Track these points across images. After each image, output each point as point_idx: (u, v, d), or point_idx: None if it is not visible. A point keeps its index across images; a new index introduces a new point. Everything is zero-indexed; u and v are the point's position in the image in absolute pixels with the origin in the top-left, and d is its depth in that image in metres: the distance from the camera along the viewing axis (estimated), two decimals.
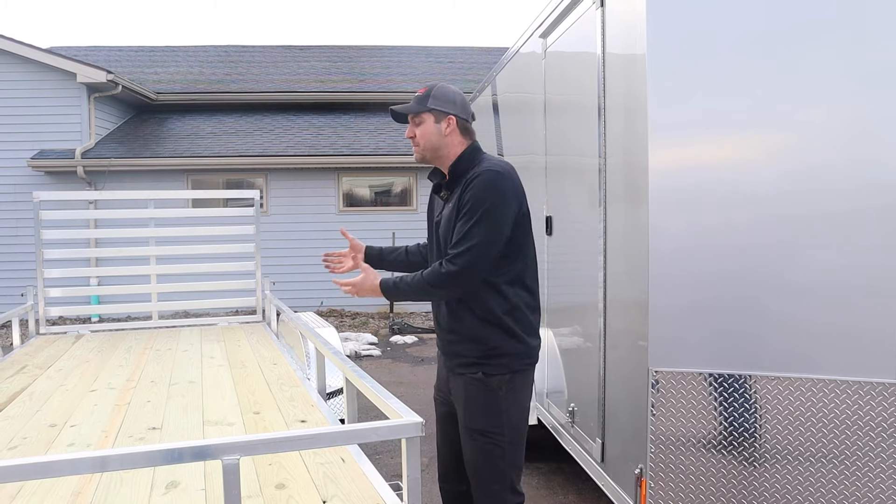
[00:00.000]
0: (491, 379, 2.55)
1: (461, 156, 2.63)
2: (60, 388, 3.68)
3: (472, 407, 2.58)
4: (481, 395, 2.56)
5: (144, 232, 5.63)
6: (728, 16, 2.71)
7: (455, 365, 2.64)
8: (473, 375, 2.57)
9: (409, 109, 2.64)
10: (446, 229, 2.58)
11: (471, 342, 2.57)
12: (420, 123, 2.64)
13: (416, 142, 2.66)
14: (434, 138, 2.63)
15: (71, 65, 11.69)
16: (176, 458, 1.54)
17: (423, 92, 2.66)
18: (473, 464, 2.59)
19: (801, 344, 2.68)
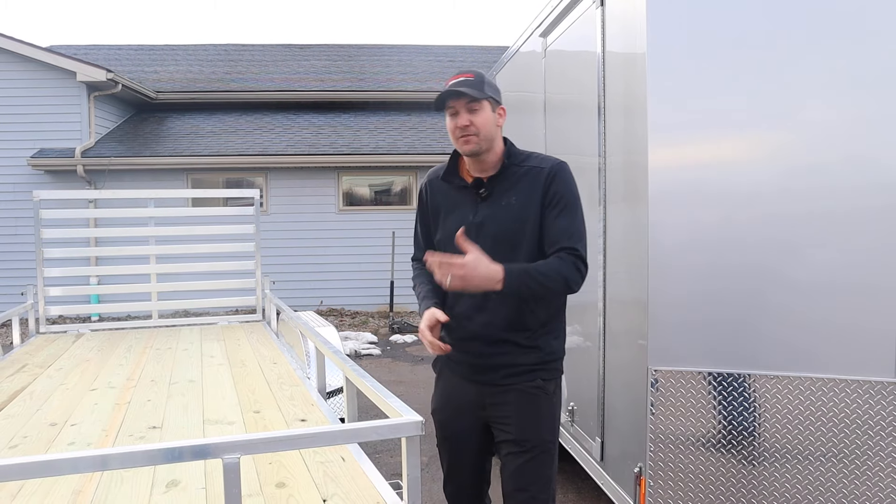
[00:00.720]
0: (548, 384, 2.42)
1: (510, 150, 2.44)
2: (61, 386, 3.68)
3: (530, 418, 2.39)
4: (539, 404, 2.40)
5: (144, 231, 5.63)
6: (728, 15, 2.71)
7: (501, 377, 2.41)
8: (531, 384, 2.39)
9: (475, 93, 2.32)
10: (511, 230, 2.35)
11: (530, 349, 2.39)
12: (477, 111, 2.35)
13: (474, 131, 2.35)
14: (491, 129, 2.38)
15: (71, 63, 11.69)
16: (176, 456, 1.54)
17: (472, 77, 2.36)
18: (521, 479, 2.39)
19: (801, 342, 2.69)
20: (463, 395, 2.51)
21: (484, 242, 2.31)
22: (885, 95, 2.60)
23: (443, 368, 2.61)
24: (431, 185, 2.58)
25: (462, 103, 2.34)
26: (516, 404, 2.40)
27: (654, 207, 2.77)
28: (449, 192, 2.51)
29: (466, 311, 2.43)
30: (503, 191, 2.39)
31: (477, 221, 2.40)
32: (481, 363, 2.44)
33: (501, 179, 2.41)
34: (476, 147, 2.36)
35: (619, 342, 3.16)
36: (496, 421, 2.45)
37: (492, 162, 2.42)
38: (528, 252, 2.36)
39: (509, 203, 2.38)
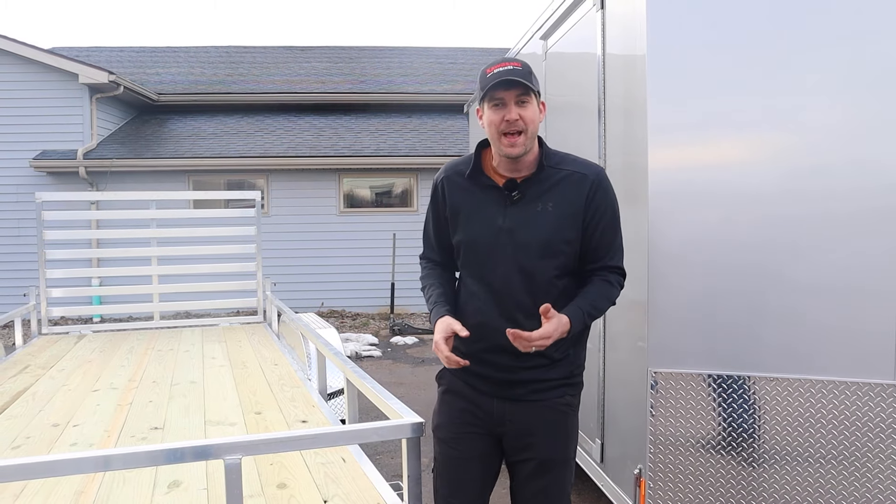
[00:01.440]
0: (574, 399, 2.28)
1: (545, 149, 2.22)
2: (63, 387, 3.69)
3: (558, 437, 2.24)
4: (567, 420, 2.26)
5: (146, 232, 5.65)
6: (727, 17, 2.73)
7: (528, 392, 2.22)
8: (560, 400, 2.24)
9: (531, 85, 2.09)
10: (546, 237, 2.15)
11: (557, 362, 2.21)
12: (528, 104, 2.11)
13: (523, 127, 2.10)
14: (537, 125, 2.15)
15: (73, 65, 11.72)
16: (178, 457, 1.55)
17: (520, 66, 2.11)
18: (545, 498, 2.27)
19: (800, 344, 2.69)
20: (479, 411, 2.27)
21: (512, 249, 2.16)
22: (885, 96, 2.60)
23: (453, 382, 2.33)
24: (450, 181, 2.30)
25: (512, 95, 2.08)
26: (544, 422, 2.22)
27: (654, 209, 2.78)
28: (472, 191, 2.25)
29: (492, 321, 2.19)
30: (537, 195, 2.17)
31: (506, 226, 2.17)
32: (506, 378, 2.22)
33: (536, 182, 2.18)
34: (522, 149, 2.12)
35: (619, 344, 3.17)
36: (517, 439, 2.25)
37: (527, 162, 2.19)
38: (559, 263, 2.17)
39: (545, 209, 2.15)
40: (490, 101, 2.12)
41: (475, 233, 2.22)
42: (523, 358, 2.15)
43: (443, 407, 2.36)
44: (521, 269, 2.17)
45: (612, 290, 2.23)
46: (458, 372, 2.28)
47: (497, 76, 2.07)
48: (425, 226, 2.45)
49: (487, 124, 2.15)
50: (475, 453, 2.28)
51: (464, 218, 2.26)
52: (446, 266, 2.42)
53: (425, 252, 2.48)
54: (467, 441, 2.28)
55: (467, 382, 2.29)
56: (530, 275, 2.16)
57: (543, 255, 2.15)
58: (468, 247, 2.25)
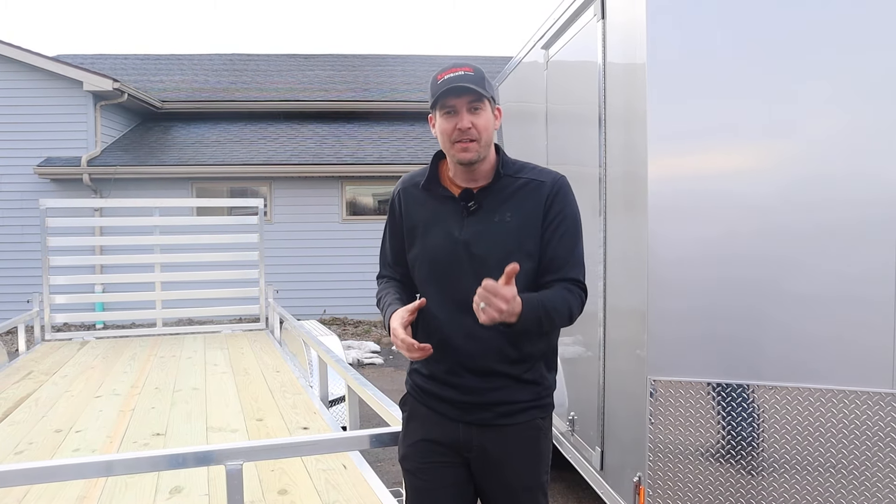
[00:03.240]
0: (545, 422, 2.12)
1: (502, 158, 2.11)
2: (66, 393, 3.71)
3: (530, 460, 2.09)
4: (538, 444, 2.11)
5: (149, 239, 5.67)
6: (727, 26, 2.75)
7: (495, 416, 2.06)
8: (529, 423, 2.08)
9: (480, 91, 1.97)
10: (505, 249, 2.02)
11: (527, 384, 2.07)
12: (480, 111, 2.00)
13: (476, 135, 1.99)
14: (491, 134, 2.04)
15: (77, 73, 11.78)
16: (180, 463, 1.57)
17: (472, 71, 2.00)
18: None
19: (799, 353, 2.70)
20: (447, 437, 2.09)
21: (469, 262, 2.02)
22: (885, 106, 2.62)
23: (415, 408, 2.17)
24: (406, 193, 2.19)
25: (463, 102, 1.98)
26: (514, 448, 2.07)
27: (654, 218, 2.80)
28: (428, 203, 2.13)
29: (453, 339, 2.03)
30: (495, 205, 2.06)
31: (463, 238, 2.04)
32: (472, 400, 2.06)
33: (494, 192, 2.07)
34: (476, 155, 2.01)
35: (619, 352, 3.18)
36: (485, 466, 2.10)
37: (484, 171, 2.08)
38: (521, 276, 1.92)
39: (503, 219, 2.04)
40: (441, 109, 2.03)
41: (432, 246, 2.10)
42: (489, 378, 2.03)
43: (406, 436, 2.18)
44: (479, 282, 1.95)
45: (571, 298, 2.01)
46: (420, 397, 2.16)
47: (447, 83, 1.98)
48: (382, 243, 2.33)
49: (439, 133, 2.06)
50: (443, 483, 2.11)
51: (421, 231, 2.14)
52: (405, 283, 2.27)
53: (382, 271, 2.33)
54: (434, 471, 2.11)
55: (430, 407, 2.13)
56: None
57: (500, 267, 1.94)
58: (425, 261, 2.12)
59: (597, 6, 3.36)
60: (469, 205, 2.06)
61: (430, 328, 2.08)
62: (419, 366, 2.14)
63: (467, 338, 2.01)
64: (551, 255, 2.05)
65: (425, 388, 2.13)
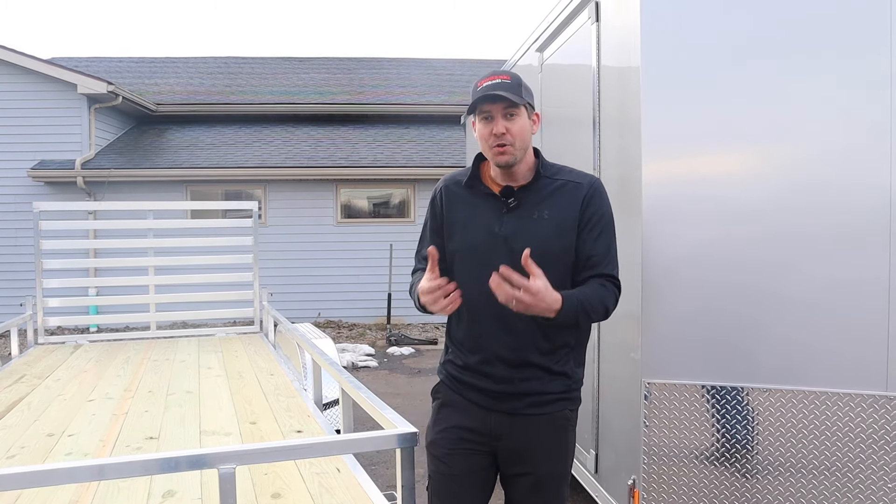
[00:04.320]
0: (573, 414, 2.25)
1: (541, 159, 2.24)
2: (58, 397, 3.69)
3: (557, 450, 2.21)
4: (567, 435, 2.22)
5: (143, 243, 5.65)
6: (722, 30, 2.75)
7: (526, 405, 2.18)
8: (559, 413, 2.20)
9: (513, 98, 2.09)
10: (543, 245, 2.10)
11: (557, 376, 2.18)
12: (516, 117, 2.13)
13: (511, 140, 2.12)
14: (528, 137, 2.17)
15: (72, 76, 11.76)
16: (172, 466, 1.56)
17: (509, 79, 2.14)
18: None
19: (793, 356, 2.71)
20: (477, 425, 2.23)
21: (507, 257, 2.09)
22: (880, 111, 2.63)
23: (449, 396, 2.30)
24: (448, 191, 2.31)
25: (499, 108, 2.11)
26: (543, 437, 2.18)
27: (648, 221, 2.80)
28: (470, 201, 2.26)
29: (490, 330, 2.16)
30: (534, 203, 2.17)
31: (502, 234, 2.16)
32: (503, 390, 2.18)
33: (532, 191, 2.19)
34: (511, 158, 2.14)
35: (613, 355, 3.18)
36: (514, 454, 2.21)
37: (522, 172, 2.20)
38: (556, 271, 2.09)
39: (541, 217, 2.16)
40: (479, 115, 2.16)
41: (472, 240, 2.22)
42: (522, 368, 2.15)
43: (437, 422, 2.32)
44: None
45: (606, 295, 2.14)
46: (454, 385, 2.28)
47: (484, 90, 2.11)
48: (420, 240, 2.43)
49: (478, 137, 2.19)
50: (469, 470, 2.25)
51: (460, 227, 2.26)
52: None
53: (416, 265, 2.42)
54: (461, 458, 2.25)
55: (464, 396, 2.26)
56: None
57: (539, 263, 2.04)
58: (464, 255, 2.23)
59: (591, 9, 3.37)
60: (509, 201, 2.19)
61: (467, 320, 2.22)
62: (453, 356, 2.28)
63: (503, 329, 2.13)
64: (588, 252, 2.17)
65: (459, 377, 2.26)
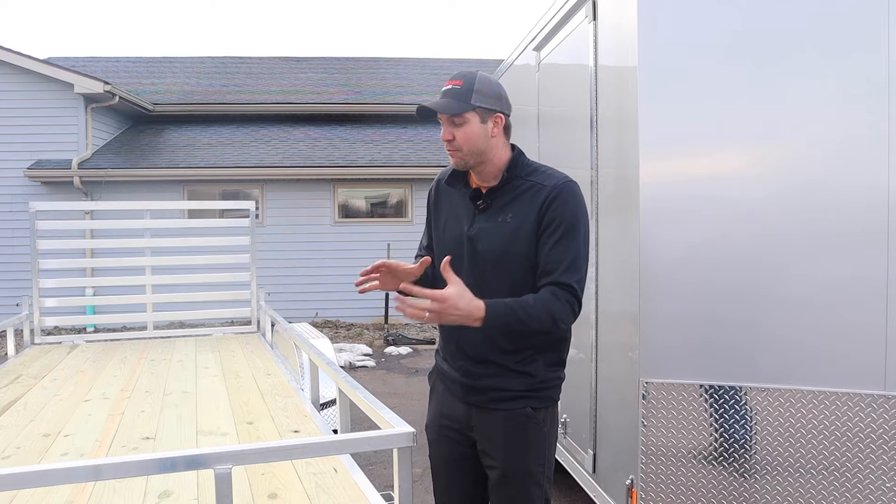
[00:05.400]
0: (538, 413, 2.22)
1: (513, 161, 2.23)
2: (55, 397, 3.68)
3: (518, 446, 2.21)
4: (527, 432, 2.21)
5: (140, 242, 5.64)
6: (720, 29, 2.75)
7: (488, 400, 2.23)
8: (519, 410, 2.20)
9: (451, 109, 2.13)
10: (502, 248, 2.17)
11: (519, 375, 2.20)
12: (462, 124, 2.15)
13: (457, 146, 2.17)
14: (480, 142, 2.16)
15: (68, 75, 11.73)
16: (169, 467, 1.55)
17: (460, 84, 2.15)
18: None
19: (791, 355, 2.70)
20: (453, 413, 2.34)
21: (474, 258, 2.20)
22: (878, 111, 2.63)
23: (437, 382, 2.44)
24: (438, 187, 2.41)
25: (445, 116, 2.16)
26: (503, 431, 2.21)
27: (646, 220, 2.79)
28: (453, 199, 2.34)
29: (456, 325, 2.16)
30: (502, 205, 2.20)
31: (471, 234, 2.22)
32: (469, 383, 2.27)
33: (502, 193, 2.21)
34: (462, 161, 2.20)
35: (611, 355, 3.18)
36: (482, 445, 2.28)
37: (491, 173, 2.23)
38: (517, 274, 2.16)
39: (505, 219, 2.18)
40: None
41: (447, 237, 2.32)
42: (484, 365, 2.21)
43: (430, 406, 2.46)
44: (479, 278, 2.18)
45: (556, 305, 2.08)
46: (437, 373, 2.43)
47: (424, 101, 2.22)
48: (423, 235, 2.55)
49: None
50: (453, 456, 2.35)
51: (442, 223, 2.36)
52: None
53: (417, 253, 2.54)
54: (446, 444, 2.37)
55: (444, 384, 2.37)
56: (486, 285, 2.15)
57: (497, 266, 2.17)
58: (440, 251, 2.33)
59: (588, 8, 3.36)
60: (478, 203, 2.23)
61: None
62: (440, 345, 2.40)
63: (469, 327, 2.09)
64: (545, 258, 2.14)
65: (440, 366, 2.38)
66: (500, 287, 2.15)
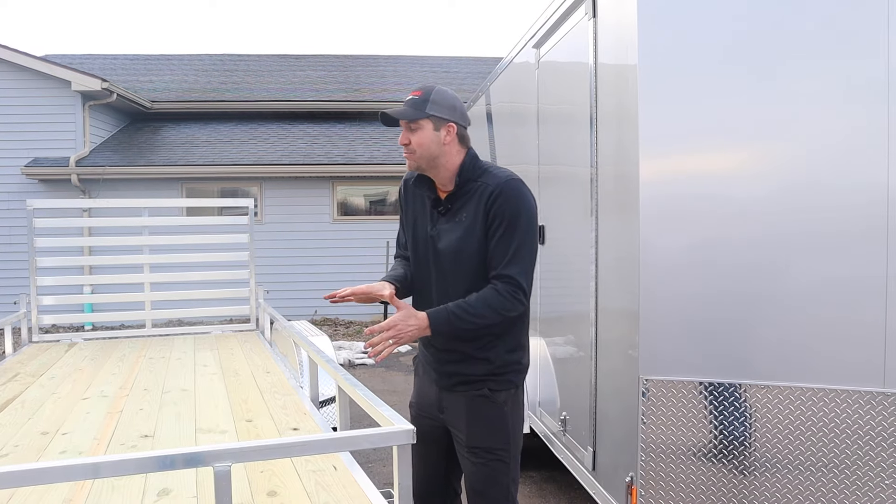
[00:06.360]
0: (497, 395, 2.41)
1: (463, 166, 2.42)
2: (53, 395, 3.68)
3: (478, 425, 2.41)
4: (487, 413, 2.41)
5: (138, 240, 5.63)
6: (720, 27, 2.74)
7: (453, 384, 2.46)
8: (478, 392, 2.41)
9: (406, 115, 2.37)
10: (456, 246, 2.38)
11: (477, 360, 2.40)
12: (416, 130, 2.38)
13: (412, 150, 2.40)
14: (433, 147, 2.38)
15: (66, 73, 11.70)
16: (168, 464, 1.55)
17: (419, 95, 2.39)
18: (478, 483, 2.44)
19: (791, 352, 2.70)
20: (428, 395, 2.57)
21: (437, 256, 2.44)
22: (878, 110, 2.62)
23: (418, 366, 2.66)
24: (406, 186, 2.62)
25: (405, 122, 2.40)
26: (465, 411, 2.43)
27: (645, 218, 2.79)
28: (419, 199, 2.56)
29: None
30: (458, 208, 2.42)
31: (433, 234, 2.46)
32: (438, 368, 2.50)
33: (458, 196, 2.42)
34: (415, 164, 2.43)
35: (611, 352, 3.17)
36: (451, 423, 2.50)
37: (446, 178, 2.44)
38: (473, 271, 2.38)
39: (460, 220, 2.40)
40: None
41: (415, 237, 2.54)
42: (447, 352, 2.44)
43: (413, 387, 2.69)
44: (439, 275, 2.45)
45: (496, 298, 2.29)
46: (420, 357, 2.63)
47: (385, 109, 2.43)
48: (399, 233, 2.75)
49: None
50: (427, 438, 2.56)
51: (411, 223, 2.58)
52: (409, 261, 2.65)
53: (397, 251, 2.75)
54: (422, 425, 2.57)
55: (423, 368, 2.60)
56: (446, 282, 2.43)
57: (455, 263, 2.40)
58: (411, 250, 2.57)
59: (588, 4, 3.35)
60: (439, 209, 2.46)
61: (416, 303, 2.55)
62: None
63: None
64: (491, 254, 2.36)
65: (420, 352, 2.60)
66: (459, 283, 2.40)
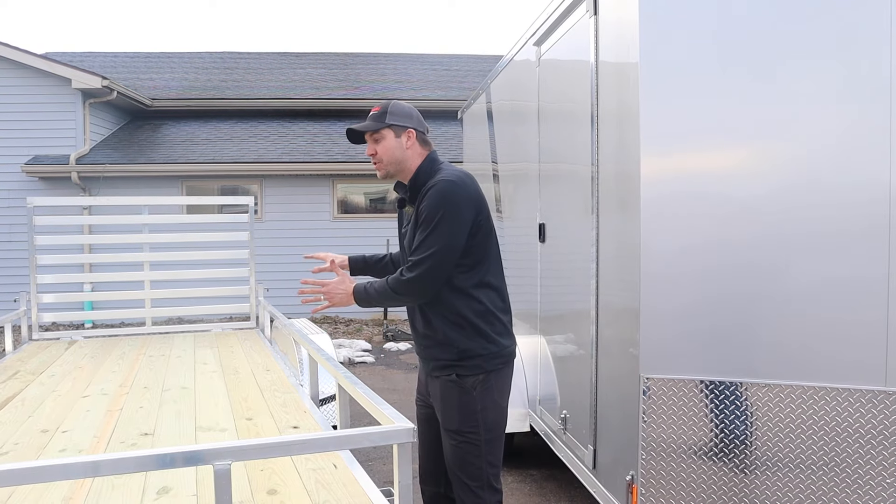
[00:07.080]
0: (465, 380, 2.61)
1: (420, 168, 2.67)
2: (53, 393, 3.67)
3: (449, 408, 2.63)
4: (456, 397, 2.62)
5: (138, 238, 5.63)
6: (721, 25, 2.74)
7: (432, 368, 2.70)
8: (448, 377, 2.63)
9: (369, 127, 2.64)
10: (410, 240, 2.64)
11: (445, 346, 2.62)
12: (380, 140, 2.66)
13: (379, 158, 2.67)
14: (397, 153, 2.66)
15: (66, 70, 11.69)
16: (167, 463, 1.54)
17: (378, 110, 2.67)
18: (452, 463, 2.64)
19: (792, 351, 2.70)
20: (422, 381, 2.87)
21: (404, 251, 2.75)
22: (878, 108, 2.62)
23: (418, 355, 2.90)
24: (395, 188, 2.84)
25: (369, 134, 2.67)
26: (440, 394, 2.66)
27: (646, 216, 2.78)
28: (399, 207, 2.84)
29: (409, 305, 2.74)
30: (416, 207, 2.64)
31: (403, 233, 2.78)
32: (419, 353, 2.78)
33: (415, 197, 2.67)
34: (384, 171, 2.70)
35: (612, 350, 3.17)
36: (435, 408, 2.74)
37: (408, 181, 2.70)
38: None
39: (414, 218, 2.64)
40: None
41: (399, 235, 2.84)
42: (422, 338, 2.71)
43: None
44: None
45: (395, 280, 2.59)
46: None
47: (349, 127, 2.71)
48: None
49: None
50: (421, 420, 2.86)
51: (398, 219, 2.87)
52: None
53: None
54: (420, 407, 2.88)
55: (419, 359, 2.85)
56: None
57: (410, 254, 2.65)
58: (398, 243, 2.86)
59: (589, 2, 3.35)
60: (405, 209, 2.76)
61: None
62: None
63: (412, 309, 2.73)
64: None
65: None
66: None
